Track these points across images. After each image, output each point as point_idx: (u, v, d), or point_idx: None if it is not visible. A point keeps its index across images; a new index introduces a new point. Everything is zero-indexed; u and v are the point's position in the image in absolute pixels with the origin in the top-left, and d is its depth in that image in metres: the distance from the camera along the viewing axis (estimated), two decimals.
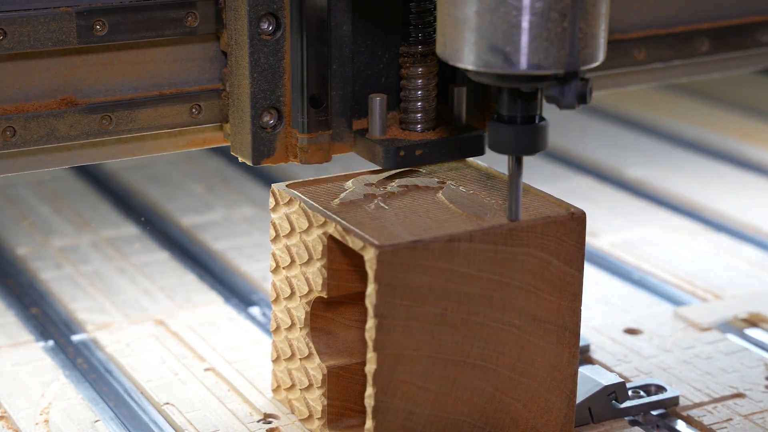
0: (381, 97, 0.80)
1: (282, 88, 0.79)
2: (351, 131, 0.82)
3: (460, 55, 0.70)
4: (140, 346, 0.91)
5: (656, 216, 1.16)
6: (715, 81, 1.57)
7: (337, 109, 0.80)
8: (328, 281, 0.77)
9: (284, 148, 0.80)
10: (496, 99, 0.77)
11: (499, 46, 0.69)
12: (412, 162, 0.81)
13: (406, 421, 0.75)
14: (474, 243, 0.74)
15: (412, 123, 0.81)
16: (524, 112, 0.73)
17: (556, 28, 0.69)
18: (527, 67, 0.69)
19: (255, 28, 0.77)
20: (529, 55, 0.69)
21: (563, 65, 0.70)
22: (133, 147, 0.81)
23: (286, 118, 0.79)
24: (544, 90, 0.72)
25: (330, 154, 0.81)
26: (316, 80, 0.79)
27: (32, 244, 1.09)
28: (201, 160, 1.30)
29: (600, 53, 0.71)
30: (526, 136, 0.73)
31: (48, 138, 0.77)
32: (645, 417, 0.83)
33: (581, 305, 0.78)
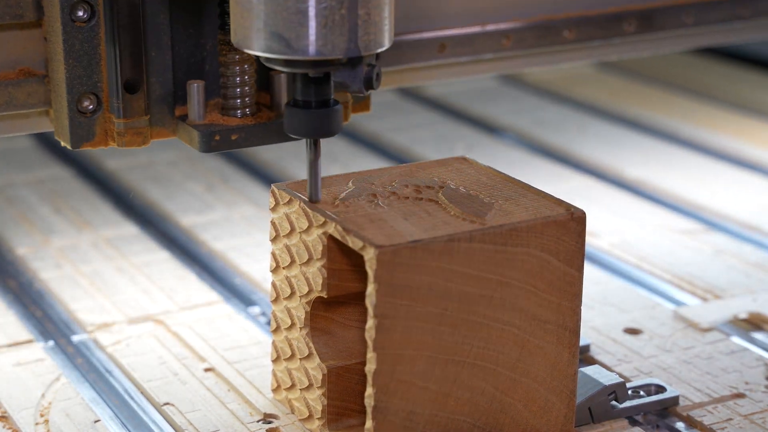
0: (198, 84, 0.82)
1: (99, 74, 0.81)
2: (173, 117, 0.83)
3: (249, 41, 0.74)
4: (140, 346, 0.91)
5: (656, 216, 1.16)
6: (716, 81, 1.57)
7: (158, 96, 0.82)
8: (328, 281, 0.77)
9: (103, 132, 0.82)
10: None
11: (282, 32, 0.72)
12: (228, 145, 0.82)
13: (406, 421, 0.75)
14: (474, 243, 0.74)
15: (232, 108, 0.83)
16: (318, 96, 0.76)
17: (334, 15, 0.71)
18: (310, 53, 0.72)
19: (68, 15, 0.79)
20: (311, 42, 0.72)
21: (344, 51, 0.72)
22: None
23: (104, 104, 0.81)
24: (333, 75, 0.74)
25: (149, 138, 0.83)
26: (130, 66, 0.81)
27: (32, 244, 1.09)
28: (201, 159, 1.30)
29: (384, 39, 0.74)
30: (321, 120, 0.76)
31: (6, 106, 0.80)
32: (645, 417, 0.83)
33: (581, 305, 0.78)
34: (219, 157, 1.30)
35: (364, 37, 0.73)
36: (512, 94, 1.53)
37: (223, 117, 0.83)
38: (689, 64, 1.62)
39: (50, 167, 1.27)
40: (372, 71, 0.74)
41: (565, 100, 1.51)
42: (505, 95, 1.52)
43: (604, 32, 0.97)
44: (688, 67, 1.59)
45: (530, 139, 1.37)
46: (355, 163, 1.28)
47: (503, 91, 1.53)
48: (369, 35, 0.73)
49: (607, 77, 1.57)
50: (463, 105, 1.48)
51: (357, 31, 0.72)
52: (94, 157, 1.30)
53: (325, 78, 0.75)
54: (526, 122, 1.43)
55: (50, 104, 0.82)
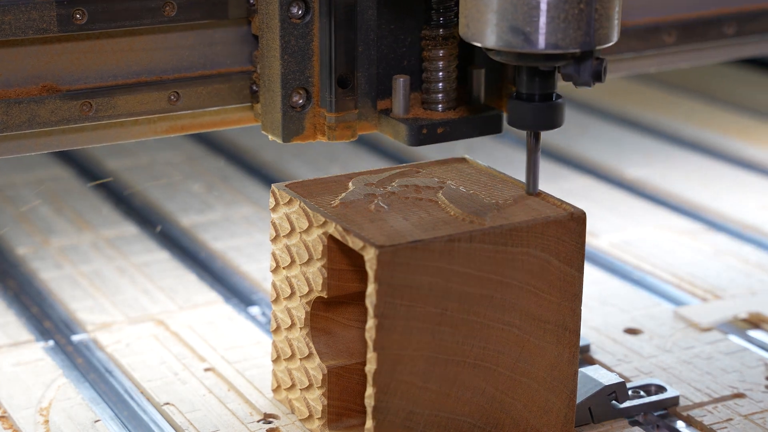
0: (404, 78, 0.83)
1: (311, 69, 0.82)
2: (375, 111, 0.85)
3: (481, 35, 0.74)
4: (140, 346, 0.91)
5: (656, 216, 1.16)
6: (716, 81, 1.57)
7: (363, 90, 0.84)
8: (328, 281, 0.77)
9: (312, 126, 0.84)
10: (513, 79, 0.82)
11: (519, 26, 0.73)
12: (434, 139, 0.83)
13: (406, 421, 0.75)
14: (474, 243, 0.74)
15: (434, 103, 0.84)
16: (542, 89, 0.77)
17: (573, 9, 0.72)
18: (545, 47, 0.73)
19: (285, 12, 0.80)
20: (547, 35, 0.73)
21: (579, 44, 0.73)
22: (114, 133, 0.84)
23: (314, 98, 0.83)
24: (561, 68, 0.75)
25: (356, 132, 0.84)
26: (343, 62, 0.82)
27: (32, 243, 1.09)
28: (201, 159, 1.30)
29: (614, 33, 0.75)
30: (544, 113, 0.77)
31: (29, 123, 0.79)
32: (645, 417, 0.83)
33: (581, 305, 0.78)
34: (219, 157, 1.30)
35: (599, 31, 0.74)
36: None
37: (425, 111, 0.84)
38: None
39: (50, 167, 1.27)
40: (601, 64, 0.75)
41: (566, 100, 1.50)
42: None
43: (644, 43, 0.97)
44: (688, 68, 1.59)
45: None
46: (355, 163, 1.28)
47: None
48: (603, 29, 0.74)
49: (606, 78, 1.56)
50: None
51: (593, 25, 0.73)
52: (95, 157, 1.30)
53: (551, 71, 0.76)
54: None
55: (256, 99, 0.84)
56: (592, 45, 0.74)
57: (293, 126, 0.83)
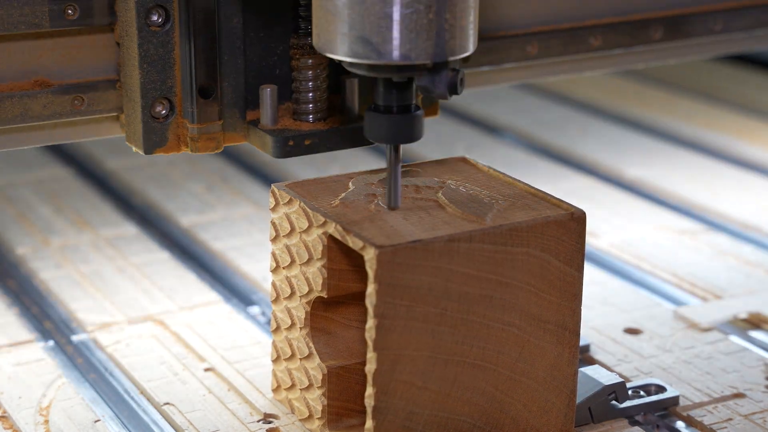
0: (271, 88, 0.81)
1: (173, 78, 0.80)
2: (244, 121, 0.83)
3: (332, 45, 0.73)
4: (140, 346, 0.91)
5: (656, 216, 1.16)
6: (717, 81, 1.57)
7: (230, 100, 0.82)
8: (328, 281, 0.77)
9: (176, 137, 0.82)
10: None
11: (368, 36, 0.71)
12: (301, 151, 0.81)
13: (406, 421, 0.75)
14: (474, 243, 0.74)
15: (304, 113, 0.82)
16: (399, 101, 0.75)
17: (422, 19, 0.71)
18: (396, 58, 0.71)
19: (143, 19, 0.78)
20: (397, 46, 0.71)
21: (431, 56, 0.71)
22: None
23: (177, 108, 0.81)
24: (416, 80, 0.73)
25: (222, 143, 0.82)
26: (205, 71, 0.80)
27: (32, 243, 1.09)
28: (201, 159, 1.30)
29: (469, 44, 0.73)
30: (402, 125, 0.75)
31: (22, 118, 0.79)
32: (645, 417, 0.83)
33: (581, 305, 0.78)
34: (219, 158, 1.30)
35: (451, 42, 0.72)
36: (512, 94, 1.53)
37: (295, 121, 0.82)
38: (689, 65, 1.62)
39: (50, 167, 1.27)
40: (456, 76, 0.73)
41: (566, 100, 1.51)
42: (505, 95, 1.52)
43: (631, 39, 0.97)
44: (688, 68, 1.59)
45: (530, 139, 1.37)
46: (354, 163, 1.28)
47: (503, 91, 1.53)
48: (455, 40, 0.72)
49: (607, 77, 1.57)
50: (463, 105, 1.48)
51: (444, 36, 0.71)
52: (94, 156, 1.30)
53: (407, 83, 0.74)
54: (526, 122, 1.43)
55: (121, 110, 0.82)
56: (444, 56, 0.72)
57: (155, 137, 0.81)
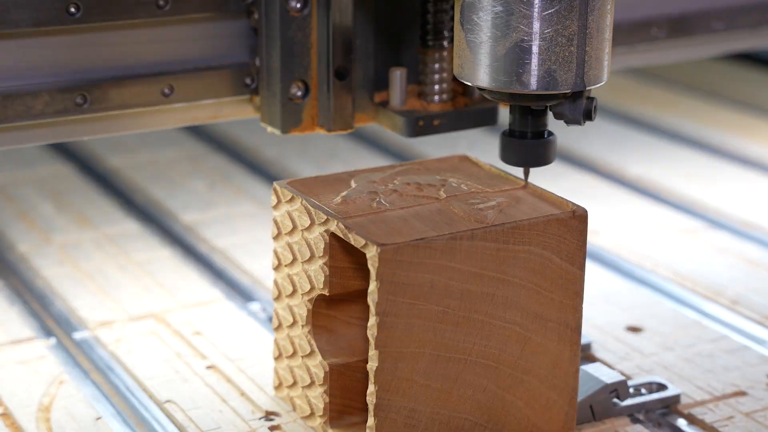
0: (401, 71, 0.85)
1: (309, 61, 0.83)
2: (373, 103, 0.86)
3: (475, 76, 0.76)
4: (142, 344, 0.91)
5: (658, 214, 1.16)
6: (717, 79, 1.57)
7: (360, 82, 0.85)
8: (330, 279, 0.77)
9: (310, 118, 0.84)
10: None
11: (511, 69, 0.74)
12: (431, 131, 0.85)
13: (407, 418, 0.75)
14: (476, 241, 0.74)
15: (430, 95, 0.85)
16: (534, 127, 0.78)
17: (564, 51, 0.74)
18: (537, 88, 0.74)
19: (285, 5, 0.82)
20: (539, 77, 0.74)
21: (570, 86, 0.75)
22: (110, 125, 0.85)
23: (312, 90, 0.84)
24: (552, 107, 0.77)
25: (353, 123, 0.85)
26: (340, 54, 0.83)
27: (34, 241, 1.09)
28: (203, 157, 1.30)
29: (604, 74, 0.76)
30: (536, 150, 0.79)
31: (25, 116, 0.80)
32: (646, 415, 0.83)
33: (583, 303, 0.78)
34: (221, 155, 1.30)
35: (589, 72, 0.75)
36: None
37: (422, 103, 0.85)
38: (691, 63, 1.62)
39: (52, 164, 1.27)
40: (591, 103, 0.77)
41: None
42: None
43: (632, 38, 0.98)
44: (689, 66, 1.59)
45: None
46: (356, 161, 1.28)
47: None
48: (593, 70, 0.75)
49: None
50: None
51: (584, 67, 0.75)
52: (96, 154, 1.30)
53: (543, 109, 0.78)
54: None
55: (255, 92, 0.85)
56: (582, 86, 0.75)
57: (292, 118, 0.84)
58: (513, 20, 0.73)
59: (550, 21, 0.73)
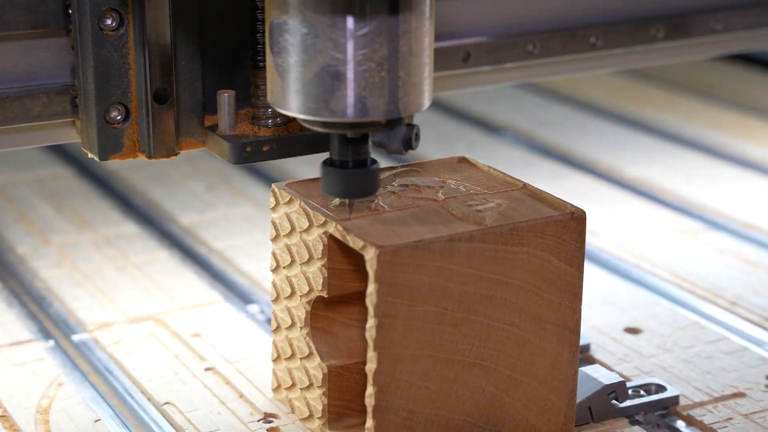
0: (229, 93, 0.80)
1: (128, 83, 0.79)
2: (202, 127, 0.82)
3: (286, 102, 0.72)
4: (140, 346, 0.91)
5: (656, 215, 1.16)
6: (716, 80, 1.57)
7: (187, 105, 0.81)
8: (328, 281, 0.77)
9: (132, 143, 0.81)
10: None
11: (320, 94, 0.70)
12: (259, 157, 0.80)
13: (406, 420, 0.75)
14: (474, 242, 0.74)
15: (263, 119, 0.81)
16: (355, 156, 0.74)
17: (374, 77, 0.70)
18: (349, 115, 0.71)
19: (96, 23, 0.77)
20: (350, 104, 0.70)
21: (383, 113, 0.71)
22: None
23: (133, 114, 0.80)
24: (371, 136, 0.73)
25: (178, 149, 0.82)
26: (160, 76, 0.79)
27: (33, 243, 1.09)
28: (201, 159, 1.30)
29: (424, 100, 0.72)
30: (358, 180, 0.74)
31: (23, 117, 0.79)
32: (645, 416, 0.83)
33: (581, 304, 0.78)
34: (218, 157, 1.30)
35: (404, 99, 0.71)
36: (512, 93, 1.53)
37: (253, 127, 0.81)
38: (690, 64, 1.63)
39: (50, 166, 1.27)
40: (411, 131, 0.73)
41: (566, 99, 1.51)
42: (505, 95, 1.52)
43: (631, 39, 0.97)
44: (688, 66, 1.59)
45: (530, 138, 1.37)
46: None
47: (503, 91, 1.53)
48: (409, 96, 0.72)
49: (607, 77, 1.57)
50: (463, 104, 1.48)
51: (397, 93, 0.71)
52: None
53: (362, 138, 0.74)
54: (527, 122, 1.43)
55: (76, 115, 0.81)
56: (397, 113, 0.72)
57: (111, 143, 0.80)
58: (320, 43, 0.70)
59: (357, 44, 0.69)
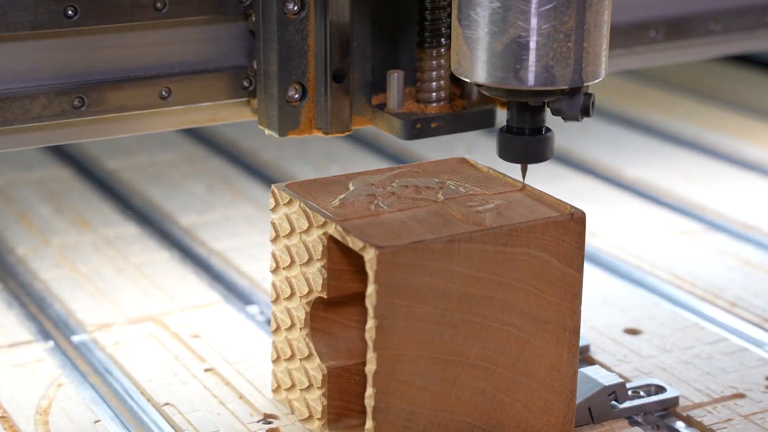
0: (398, 73, 0.84)
1: (306, 64, 0.83)
2: (370, 105, 0.86)
3: (472, 72, 0.76)
4: (140, 347, 0.91)
5: (656, 216, 1.16)
6: (716, 81, 1.57)
7: (357, 85, 0.85)
8: (328, 281, 0.77)
9: (308, 120, 0.85)
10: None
11: (508, 64, 0.74)
12: (428, 133, 0.85)
13: (406, 421, 0.75)
14: (474, 243, 0.74)
15: (428, 98, 0.85)
16: (532, 124, 0.78)
17: (562, 47, 0.74)
18: (534, 84, 0.74)
19: (282, 7, 0.82)
20: (536, 73, 0.74)
21: (568, 82, 0.75)
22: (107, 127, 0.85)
23: (310, 93, 0.84)
24: (550, 103, 0.77)
25: (351, 126, 0.85)
26: (338, 57, 0.83)
27: (32, 243, 1.09)
28: (201, 160, 1.30)
29: (602, 70, 0.77)
30: (534, 146, 0.79)
31: (22, 118, 0.80)
32: (645, 417, 0.83)
33: (581, 305, 0.78)
34: (219, 157, 1.30)
35: (587, 68, 0.75)
36: None
37: (419, 105, 0.85)
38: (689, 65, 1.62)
39: (50, 167, 1.27)
40: (589, 99, 0.77)
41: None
42: None
43: (631, 40, 0.98)
44: (688, 67, 1.59)
45: None
46: (354, 163, 1.28)
47: None
48: (591, 66, 0.75)
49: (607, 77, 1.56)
50: None
51: (581, 63, 0.75)
52: (95, 157, 1.30)
53: (540, 106, 0.78)
54: None
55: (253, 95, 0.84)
56: (580, 82, 0.75)
57: (289, 120, 0.84)
58: (510, 16, 0.73)
59: (547, 17, 0.73)
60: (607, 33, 0.76)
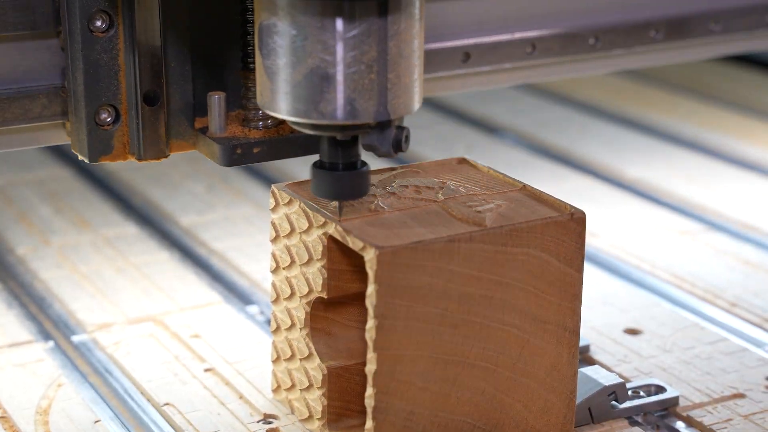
0: (219, 95, 0.80)
1: (117, 85, 0.79)
2: (193, 129, 0.81)
3: (275, 104, 0.72)
4: (140, 347, 0.91)
5: (656, 216, 1.16)
6: (715, 81, 1.57)
7: (177, 107, 0.81)
8: (328, 282, 0.77)
9: (122, 144, 0.80)
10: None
11: (309, 97, 0.70)
12: (250, 159, 0.80)
13: (406, 421, 0.75)
14: (474, 243, 0.74)
15: (254, 121, 0.81)
16: (345, 158, 0.74)
17: (363, 79, 0.70)
18: (339, 118, 0.70)
19: (86, 25, 0.77)
20: (339, 107, 0.70)
21: (372, 116, 0.71)
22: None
23: (123, 116, 0.80)
24: (361, 138, 0.72)
25: (168, 151, 0.81)
26: (149, 78, 0.79)
27: (32, 243, 1.09)
28: (201, 160, 1.30)
29: (414, 102, 0.72)
30: (348, 182, 0.74)
31: (22, 118, 0.78)
32: (645, 417, 0.83)
33: (581, 305, 0.78)
34: None
35: (394, 101, 0.71)
36: (512, 94, 1.53)
37: (244, 129, 0.80)
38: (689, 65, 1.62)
39: (50, 167, 1.27)
40: (401, 133, 0.72)
41: (566, 100, 1.51)
42: (504, 95, 1.52)
43: (631, 40, 0.97)
44: (688, 68, 1.59)
45: (530, 139, 1.37)
46: None
47: (503, 92, 1.53)
48: (398, 98, 0.71)
49: (607, 77, 1.57)
50: (463, 105, 1.48)
51: (386, 95, 0.71)
52: None
53: (352, 140, 0.73)
54: (526, 122, 1.43)
55: (66, 116, 0.80)
56: (387, 115, 0.71)
57: (100, 145, 0.79)
58: (309, 45, 0.69)
59: (347, 46, 0.69)
60: (418, 62, 0.72)
